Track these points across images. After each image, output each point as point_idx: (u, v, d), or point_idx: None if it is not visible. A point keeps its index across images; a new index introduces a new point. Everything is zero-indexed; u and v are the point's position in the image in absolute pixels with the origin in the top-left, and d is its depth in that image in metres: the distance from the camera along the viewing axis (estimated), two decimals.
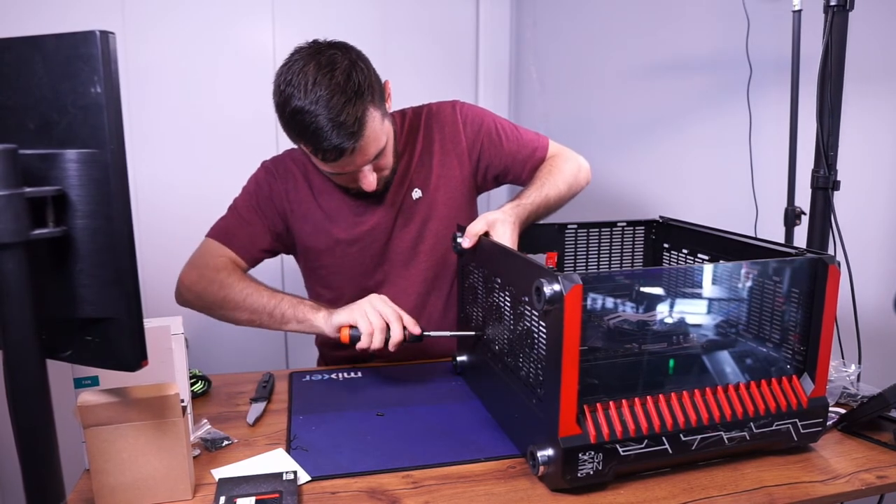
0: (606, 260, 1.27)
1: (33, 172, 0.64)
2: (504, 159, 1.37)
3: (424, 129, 1.37)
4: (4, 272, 0.60)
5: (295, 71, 1.12)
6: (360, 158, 1.15)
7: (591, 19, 2.03)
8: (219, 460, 0.95)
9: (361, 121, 1.11)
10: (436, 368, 1.31)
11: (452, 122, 1.37)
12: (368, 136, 1.13)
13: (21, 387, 0.63)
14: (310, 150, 1.14)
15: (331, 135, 1.09)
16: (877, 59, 1.26)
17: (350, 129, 1.10)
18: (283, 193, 1.34)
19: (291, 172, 1.35)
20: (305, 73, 1.10)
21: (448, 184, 1.35)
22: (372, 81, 1.15)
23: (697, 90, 1.65)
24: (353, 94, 1.10)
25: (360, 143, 1.12)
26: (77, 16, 1.86)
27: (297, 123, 1.11)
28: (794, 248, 0.98)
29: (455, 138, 1.36)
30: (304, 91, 1.09)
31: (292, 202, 1.34)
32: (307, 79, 1.10)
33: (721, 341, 1.00)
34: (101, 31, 0.62)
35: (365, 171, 1.19)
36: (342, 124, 1.09)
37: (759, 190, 1.46)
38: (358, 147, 1.12)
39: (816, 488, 0.88)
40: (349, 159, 1.14)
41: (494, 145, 1.36)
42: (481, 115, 1.39)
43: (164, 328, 0.92)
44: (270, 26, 2.05)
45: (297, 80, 1.10)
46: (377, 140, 1.16)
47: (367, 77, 1.14)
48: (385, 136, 1.19)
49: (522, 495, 0.86)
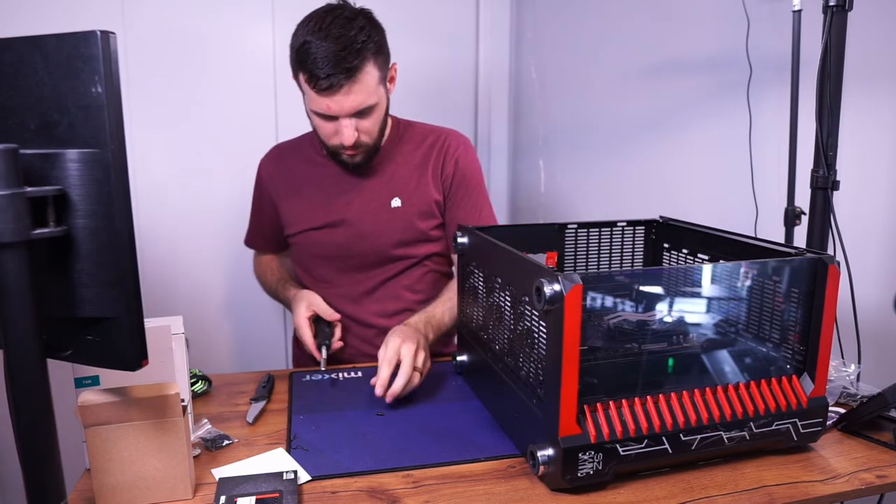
0: (606, 260, 1.27)
1: (34, 172, 0.64)
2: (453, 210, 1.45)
3: (426, 149, 1.44)
4: (5, 272, 0.60)
5: (316, 15, 1.22)
6: (348, 102, 1.22)
7: (591, 19, 2.03)
8: (219, 460, 0.95)
9: (360, 66, 1.20)
10: (436, 368, 1.31)
11: (450, 153, 1.44)
12: (361, 83, 1.21)
13: (22, 386, 0.63)
14: (306, 78, 1.22)
15: (328, 64, 1.18)
16: (876, 59, 1.26)
17: (347, 65, 1.18)
18: (274, 174, 1.47)
19: (281, 156, 1.48)
20: (324, 18, 1.21)
21: (424, 201, 1.43)
22: (381, 47, 1.26)
23: (697, 90, 1.65)
24: (360, 43, 1.20)
25: (352, 85, 1.20)
26: (77, 16, 1.86)
27: (303, 51, 1.20)
28: (794, 247, 0.98)
29: (444, 167, 1.44)
30: (318, 28, 1.20)
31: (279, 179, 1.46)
32: (325, 21, 1.20)
33: (721, 341, 1.00)
34: (102, 31, 0.62)
35: (346, 123, 1.25)
36: (342, 59, 1.17)
37: (759, 190, 1.46)
38: (349, 87, 1.20)
39: (816, 488, 0.88)
40: (338, 98, 1.21)
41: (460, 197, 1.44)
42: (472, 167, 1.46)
43: (165, 328, 0.92)
44: (270, 26, 2.05)
45: (315, 22, 1.21)
46: (368, 94, 1.24)
47: (377, 41, 1.24)
48: (377, 98, 1.26)
49: (522, 495, 0.87)
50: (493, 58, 2.33)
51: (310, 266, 1.48)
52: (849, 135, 1.23)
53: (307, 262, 1.48)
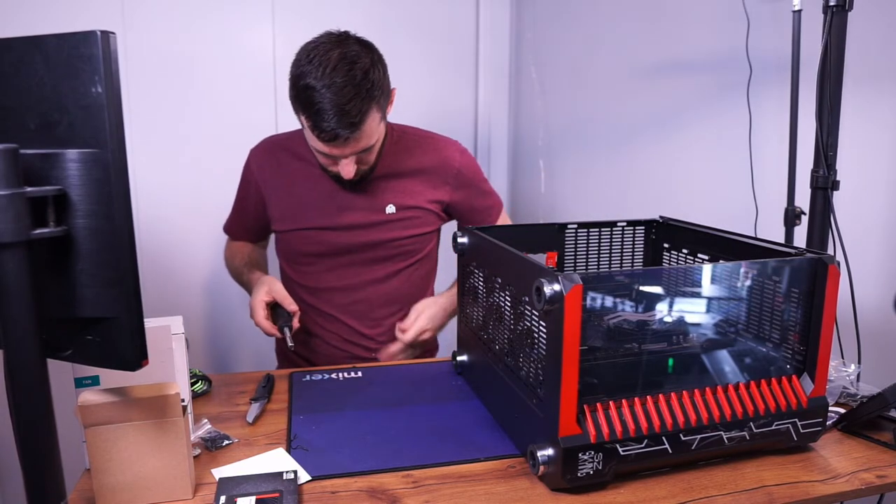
0: (606, 260, 1.27)
1: (34, 172, 0.64)
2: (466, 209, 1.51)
3: (423, 156, 1.46)
4: (5, 272, 0.60)
5: (320, 52, 1.19)
6: (350, 149, 1.24)
7: (591, 19, 2.03)
8: (219, 460, 0.95)
9: (363, 117, 1.20)
10: (436, 368, 1.31)
11: (450, 164, 1.47)
12: (364, 132, 1.22)
13: (22, 386, 0.63)
14: (309, 125, 1.21)
15: (332, 119, 1.17)
16: (876, 59, 1.26)
17: (351, 120, 1.18)
18: (265, 166, 1.46)
19: (274, 150, 1.47)
20: (329, 57, 1.18)
21: (419, 208, 1.45)
22: (384, 85, 1.25)
23: (697, 90, 1.65)
24: (364, 91, 1.18)
25: (355, 136, 1.21)
26: (77, 16, 1.86)
27: (306, 98, 1.18)
28: (794, 247, 0.98)
29: (446, 178, 1.47)
30: (321, 72, 1.17)
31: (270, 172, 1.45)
32: (328, 62, 1.17)
33: (721, 341, 1.00)
34: (102, 31, 0.62)
35: (347, 161, 1.27)
36: (346, 113, 1.17)
37: (759, 190, 1.46)
38: (352, 138, 1.21)
39: (816, 488, 0.88)
40: (340, 146, 1.23)
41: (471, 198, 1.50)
42: (473, 170, 1.51)
43: (165, 328, 0.92)
44: (270, 26, 2.05)
45: (318, 60, 1.18)
46: (370, 138, 1.26)
47: (380, 80, 1.23)
48: (377, 136, 1.29)
49: (522, 495, 0.87)
50: (493, 58, 2.33)
51: (297, 261, 1.48)
52: (849, 135, 1.23)
53: (295, 257, 1.48)
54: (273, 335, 1.32)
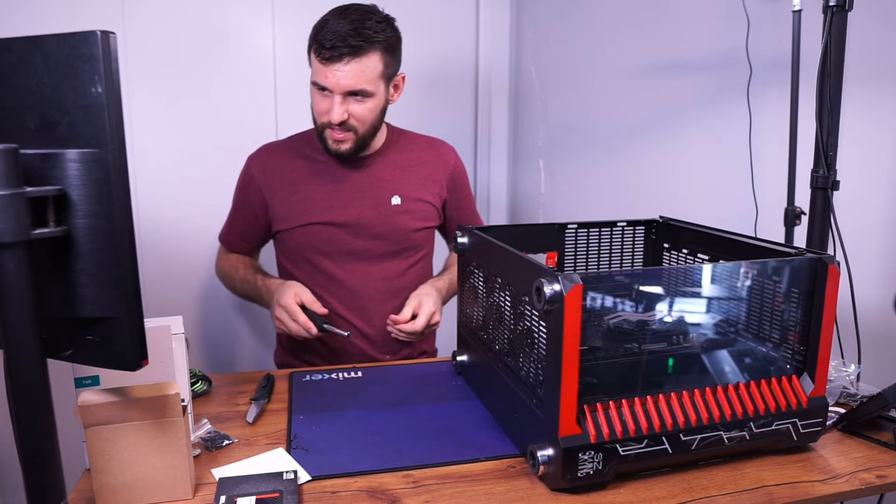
0: (606, 260, 1.27)
1: (34, 172, 0.64)
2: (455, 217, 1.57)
3: (422, 152, 1.52)
4: (5, 272, 0.60)
5: (344, 4, 1.33)
6: (345, 78, 1.28)
7: (591, 19, 2.03)
8: (219, 460, 0.95)
9: (365, 49, 1.27)
10: (436, 368, 1.31)
11: (448, 162, 1.54)
12: (361, 65, 1.28)
13: (22, 386, 0.63)
14: (315, 48, 1.29)
15: (336, 38, 1.25)
16: (876, 59, 1.26)
17: (353, 43, 1.26)
18: (267, 170, 1.47)
19: (274, 152, 1.50)
20: (350, 5, 1.32)
21: (423, 202, 1.49)
22: (392, 48, 1.34)
23: (697, 90, 1.65)
24: (373, 30, 1.28)
25: (352, 63, 1.27)
26: (77, 16, 1.86)
27: (319, 26, 1.30)
28: (794, 247, 0.98)
29: (443, 174, 1.53)
30: (340, 11, 1.30)
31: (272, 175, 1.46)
32: (349, 7, 1.31)
33: (721, 341, 1.00)
34: (102, 31, 0.62)
35: (338, 100, 1.30)
36: (350, 37, 1.25)
37: (759, 190, 1.46)
38: (348, 63, 1.27)
39: (816, 488, 0.88)
40: (336, 70, 1.27)
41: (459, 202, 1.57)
42: (465, 175, 1.60)
43: (164, 328, 0.92)
44: (270, 26, 2.05)
45: (340, 7, 1.32)
46: (366, 79, 1.30)
47: (390, 40, 1.32)
48: (374, 88, 1.32)
49: (522, 495, 0.87)
50: (493, 57, 2.33)
51: (302, 260, 1.47)
52: (849, 135, 1.23)
53: (300, 256, 1.47)
54: (313, 335, 1.31)
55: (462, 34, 2.30)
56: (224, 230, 1.58)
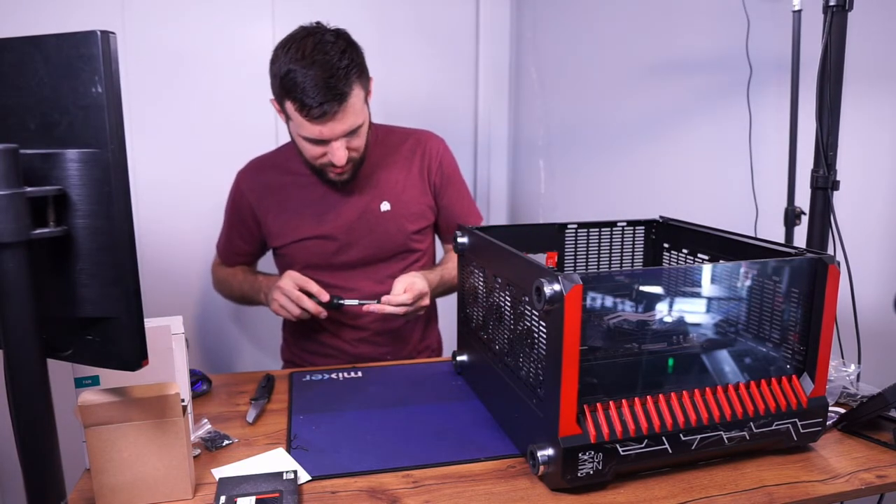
0: (606, 260, 1.27)
1: (34, 172, 0.64)
2: (447, 209, 1.53)
3: (406, 149, 1.49)
4: (5, 272, 0.60)
5: (295, 41, 1.23)
6: (340, 126, 1.25)
7: (591, 19, 2.03)
8: (219, 460, 0.95)
9: (347, 90, 1.22)
10: (436, 368, 1.31)
11: (433, 154, 1.50)
12: (351, 107, 1.24)
13: (22, 386, 0.63)
14: (296, 108, 1.22)
15: (319, 94, 1.19)
16: (876, 59, 1.26)
17: (337, 93, 1.20)
18: (256, 187, 1.46)
19: (262, 169, 1.48)
20: (304, 44, 1.22)
21: (414, 202, 1.47)
22: (363, 67, 1.28)
23: (697, 90, 1.65)
24: (344, 66, 1.22)
25: (344, 110, 1.23)
26: (77, 16, 1.85)
27: (290, 81, 1.21)
28: (794, 247, 0.98)
29: (430, 167, 1.50)
30: (300, 55, 1.21)
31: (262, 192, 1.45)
32: (305, 47, 1.21)
33: (721, 341, 1.00)
34: (102, 32, 0.62)
35: (337, 145, 1.27)
36: (331, 87, 1.20)
37: (759, 190, 1.46)
38: (340, 112, 1.22)
39: (816, 488, 0.88)
40: (330, 124, 1.24)
41: (450, 194, 1.53)
42: (454, 165, 1.55)
43: (164, 328, 0.92)
44: (270, 26, 2.05)
45: (294, 48, 1.22)
46: (356, 115, 1.26)
47: (359, 62, 1.26)
48: (364, 117, 1.30)
49: (522, 495, 0.87)
50: (493, 58, 2.33)
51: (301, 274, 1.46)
52: (849, 135, 1.23)
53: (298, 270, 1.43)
54: (319, 314, 1.31)
55: (462, 34, 2.30)
56: (221, 246, 1.58)
